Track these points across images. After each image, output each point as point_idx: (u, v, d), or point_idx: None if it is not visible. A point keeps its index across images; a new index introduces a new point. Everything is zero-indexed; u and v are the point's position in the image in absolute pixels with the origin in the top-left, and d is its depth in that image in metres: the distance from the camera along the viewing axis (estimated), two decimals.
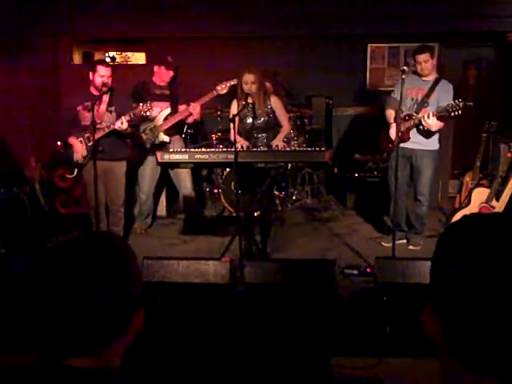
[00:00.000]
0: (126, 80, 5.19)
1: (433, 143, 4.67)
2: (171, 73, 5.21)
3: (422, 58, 4.51)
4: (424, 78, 4.61)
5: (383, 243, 4.92)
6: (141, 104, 4.65)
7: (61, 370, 0.96)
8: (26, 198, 5.25)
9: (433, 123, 4.40)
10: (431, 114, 4.38)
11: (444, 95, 4.50)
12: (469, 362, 0.76)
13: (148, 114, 4.78)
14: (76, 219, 5.58)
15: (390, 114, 4.75)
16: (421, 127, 4.54)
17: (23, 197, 5.23)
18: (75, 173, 4.84)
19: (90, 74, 4.61)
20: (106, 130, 4.63)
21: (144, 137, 5.26)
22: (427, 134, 4.59)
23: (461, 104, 4.26)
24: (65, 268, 0.98)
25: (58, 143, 5.67)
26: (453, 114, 4.32)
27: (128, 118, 4.60)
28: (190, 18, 6.62)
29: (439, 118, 4.42)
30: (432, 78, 4.60)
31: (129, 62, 8.07)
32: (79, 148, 4.71)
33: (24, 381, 0.97)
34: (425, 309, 0.83)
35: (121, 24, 6.60)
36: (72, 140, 4.73)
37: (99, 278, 0.98)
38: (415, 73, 4.67)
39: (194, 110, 5.06)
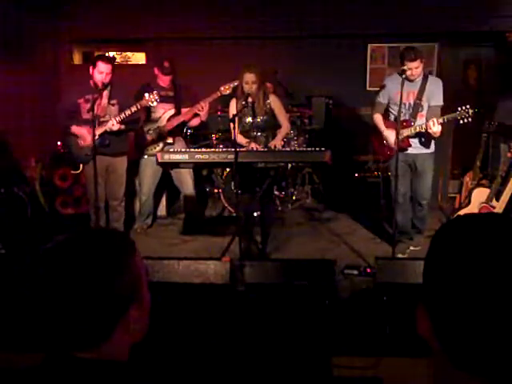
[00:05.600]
0: (126, 80, 5.19)
1: (432, 145, 4.55)
2: (169, 77, 5.22)
3: (413, 65, 4.26)
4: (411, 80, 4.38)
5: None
6: (146, 94, 4.64)
7: (71, 362, 0.98)
8: (26, 197, 5.25)
9: (438, 129, 4.23)
10: (436, 122, 4.20)
11: (435, 92, 4.34)
12: (459, 361, 0.76)
13: (155, 103, 4.73)
14: (76, 219, 5.58)
15: (379, 119, 4.58)
16: (422, 135, 4.41)
17: (23, 197, 5.22)
18: (81, 168, 4.83)
19: (91, 68, 4.61)
20: (101, 131, 4.63)
21: (148, 138, 5.27)
22: (426, 137, 4.46)
23: (470, 111, 4.12)
24: (56, 266, 1.01)
25: (58, 143, 5.68)
26: (462, 121, 4.18)
27: (128, 112, 4.60)
28: (189, 18, 6.62)
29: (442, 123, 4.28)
30: (420, 78, 4.39)
31: (129, 62, 8.09)
32: (85, 134, 4.66)
33: (36, 377, 0.98)
34: (418, 309, 0.83)
35: (121, 24, 6.60)
36: (75, 129, 4.71)
37: (88, 273, 1.00)
38: (400, 74, 4.34)
39: (202, 110, 5.04)
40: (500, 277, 0.72)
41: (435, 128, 4.21)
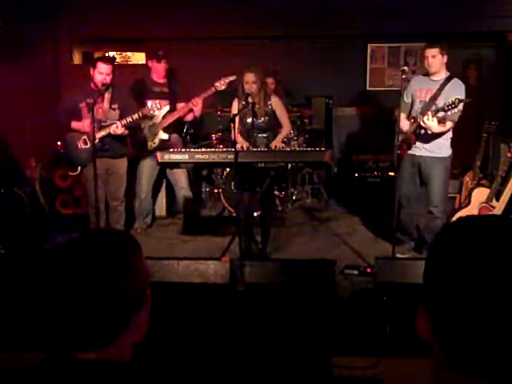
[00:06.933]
0: (126, 80, 5.19)
1: (444, 149, 4.32)
2: (163, 65, 5.18)
3: (430, 52, 4.16)
4: (433, 78, 4.26)
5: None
6: (149, 103, 4.64)
7: (71, 363, 0.98)
8: (26, 197, 5.26)
9: (432, 124, 4.06)
10: (430, 115, 4.06)
11: (454, 95, 4.04)
12: (459, 364, 0.76)
13: (157, 112, 4.74)
14: (76, 219, 5.58)
15: (401, 116, 4.30)
16: (423, 131, 4.25)
17: (23, 197, 5.23)
18: (79, 170, 4.82)
19: (91, 69, 4.61)
20: (103, 134, 4.63)
21: (144, 135, 5.26)
22: (436, 138, 4.27)
23: (456, 101, 3.95)
24: (62, 266, 1.00)
25: (58, 143, 5.69)
26: (449, 112, 4.02)
27: (130, 119, 4.61)
28: (189, 18, 6.63)
29: (442, 120, 4.11)
30: (441, 77, 4.26)
31: (129, 62, 8.08)
32: (85, 125, 4.62)
33: (35, 376, 0.98)
34: (418, 310, 0.83)
35: (121, 24, 6.60)
36: (75, 124, 4.70)
37: (95, 274, 0.99)
38: (426, 74, 4.31)
39: (196, 105, 5.04)
40: (500, 279, 0.72)
41: (429, 122, 4.05)
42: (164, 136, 5.21)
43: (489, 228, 0.78)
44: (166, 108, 5.18)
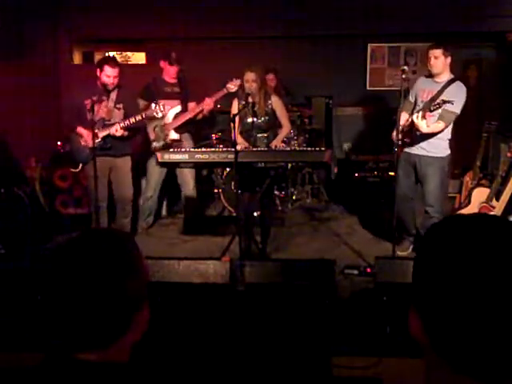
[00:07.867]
0: (126, 80, 5.18)
1: (440, 149, 4.30)
2: (175, 68, 5.17)
3: (432, 53, 4.16)
4: (436, 79, 4.26)
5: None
6: (153, 105, 4.62)
7: (70, 364, 0.98)
8: (26, 197, 5.25)
9: (421, 124, 4.06)
10: (420, 114, 4.06)
11: (451, 97, 4.02)
12: (450, 362, 0.76)
13: (160, 115, 4.72)
14: (76, 219, 5.58)
15: (401, 115, 4.30)
16: (418, 132, 4.23)
17: (23, 197, 5.22)
18: (80, 167, 4.81)
19: (98, 71, 4.61)
20: (105, 134, 4.63)
21: (153, 135, 5.24)
22: (430, 138, 4.27)
23: (441, 102, 3.97)
24: (66, 265, 1.00)
25: (58, 143, 5.68)
26: (435, 112, 4.05)
27: (133, 120, 4.60)
28: (189, 18, 6.62)
29: (426, 120, 4.09)
30: (444, 79, 4.23)
31: (129, 62, 8.09)
32: (88, 135, 4.62)
33: (34, 377, 0.98)
34: (410, 310, 0.83)
35: (121, 24, 6.60)
36: (80, 129, 4.71)
37: (99, 274, 0.99)
38: (431, 75, 4.30)
39: (209, 105, 5.02)
40: (488, 277, 0.72)
41: (417, 121, 4.06)
42: (174, 136, 5.18)
43: (476, 227, 0.78)
44: (178, 108, 5.16)
